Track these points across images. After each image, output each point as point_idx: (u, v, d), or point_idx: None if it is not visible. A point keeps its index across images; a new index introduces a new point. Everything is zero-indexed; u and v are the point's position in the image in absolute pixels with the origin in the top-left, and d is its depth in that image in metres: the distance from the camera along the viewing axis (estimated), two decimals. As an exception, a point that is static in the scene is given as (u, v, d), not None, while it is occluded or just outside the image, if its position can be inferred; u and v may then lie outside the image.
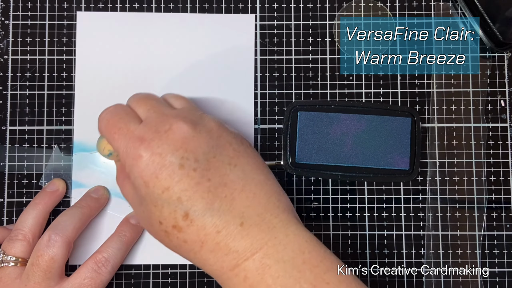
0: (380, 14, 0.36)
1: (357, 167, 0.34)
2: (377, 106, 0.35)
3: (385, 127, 0.34)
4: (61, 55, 0.36)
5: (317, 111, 0.34)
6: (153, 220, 0.26)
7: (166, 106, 0.29)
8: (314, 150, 0.34)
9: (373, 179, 0.34)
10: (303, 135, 0.34)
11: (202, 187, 0.25)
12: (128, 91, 0.36)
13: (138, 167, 0.25)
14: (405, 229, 0.35)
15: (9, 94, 0.36)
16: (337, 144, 0.34)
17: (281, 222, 0.26)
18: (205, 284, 0.34)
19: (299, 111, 0.34)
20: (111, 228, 0.33)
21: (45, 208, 0.33)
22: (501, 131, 0.36)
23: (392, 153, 0.34)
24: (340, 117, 0.34)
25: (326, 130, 0.34)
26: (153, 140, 0.25)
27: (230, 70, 0.36)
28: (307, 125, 0.34)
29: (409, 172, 0.34)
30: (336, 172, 0.34)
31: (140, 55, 0.36)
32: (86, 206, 0.33)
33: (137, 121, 0.27)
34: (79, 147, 0.35)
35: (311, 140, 0.34)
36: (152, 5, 0.36)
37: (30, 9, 0.36)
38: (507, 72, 0.36)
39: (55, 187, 0.34)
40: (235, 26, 0.36)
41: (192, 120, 0.26)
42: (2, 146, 0.35)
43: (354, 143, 0.34)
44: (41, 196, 0.33)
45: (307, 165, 0.34)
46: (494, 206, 0.35)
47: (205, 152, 0.26)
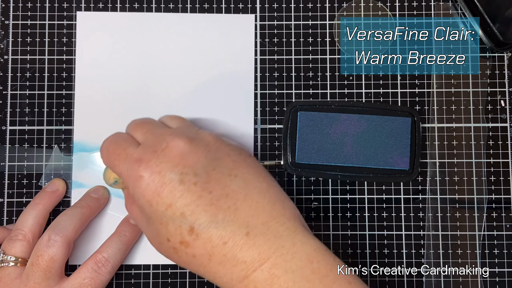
0: (380, 14, 0.36)
1: (357, 167, 0.34)
2: (377, 106, 0.35)
3: (385, 127, 0.34)
4: (61, 55, 0.36)
5: (317, 111, 0.34)
6: (161, 238, 0.26)
7: (162, 127, 0.29)
8: (314, 150, 0.34)
9: (373, 179, 0.34)
10: (303, 135, 0.34)
11: (204, 200, 0.25)
12: (128, 91, 0.36)
13: (139, 187, 0.25)
14: (405, 229, 0.35)
15: (9, 94, 0.36)
16: (337, 144, 0.34)
17: (287, 230, 0.25)
18: (205, 284, 0.34)
19: (299, 111, 0.34)
20: (111, 228, 0.33)
21: (45, 208, 0.33)
22: (501, 131, 0.36)
23: (392, 153, 0.34)
24: (340, 117, 0.34)
25: (326, 130, 0.34)
26: (151, 159, 0.26)
27: (230, 70, 0.36)
28: (307, 125, 0.34)
29: (409, 172, 0.34)
30: (336, 172, 0.34)
31: (140, 55, 0.36)
32: (86, 206, 0.33)
33: (135, 145, 0.27)
34: (79, 147, 0.35)
35: (311, 140, 0.34)
36: (152, 5, 0.36)
37: (30, 9, 0.36)
38: (507, 72, 0.36)
39: (55, 187, 0.34)
40: (235, 26, 0.36)
41: (188, 136, 0.27)
42: (2, 146, 0.35)
43: (354, 143, 0.34)
44: (41, 196, 0.33)
45: (307, 165, 0.34)
46: (494, 206, 0.35)
47: (204, 166, 0.26)
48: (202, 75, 0.36)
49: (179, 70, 0.36)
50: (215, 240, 0.25)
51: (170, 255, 0.27)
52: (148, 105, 0.36)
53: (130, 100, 0.36)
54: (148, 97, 0.36)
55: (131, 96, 0.36)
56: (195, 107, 0.36)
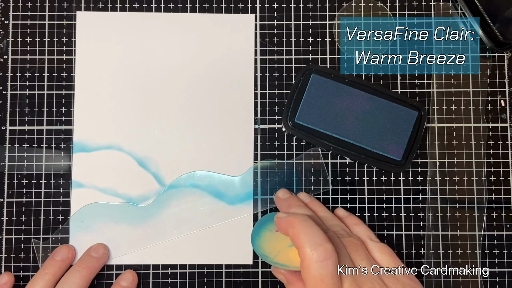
0: (380, 14, 0.36)
1: (352, 144, 0.34)
2: (389, 92, 0.34)
3: (390, 113, 0.34)
4: (61, 55, 0.36)
5: (330, 79, 0.34)
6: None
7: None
8: (315, 115, 0.34)
9: (363, 161, 0.34)
10: (309, 97, 0.34)
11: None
12: (127, 91, 0.36)
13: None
14: (405, 229, 0.35)
15: (9, 94, 0.36)
16: (339, 116, 0.34)
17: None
18: (205, 284, 0.34)
19: (313, 73, 0.34)
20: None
21: (55, 278, 0.32)
22: (501, 131, 0.36)
23: (389, 140, 0.34)
24: (350, 90, 0.34)
25: (333, 100, 0.34)
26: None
27: (231, 70, 0.36)
28: (316, 89, 0.34)
29: (401, 163, 0.34)
30: (330, 143, 0.34)
31: (139, 55, 0.36)
32: (86, 268, 0.33)
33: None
34: (79, 147, 0.35)
35: (315, 105, 0.34)
36: (152, 5, 0.36)
37: (30, 9, 0.36)
38: (507, 72, 0.36)
39: (65, 255, 0.33)
40: (235, 26, 0.36)
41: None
42: (2, 146, 0.35)
43: (356, 119, 0.34)
44: (51, 265, 0.33)
45: (305, 128, 0.34)
46: (494, 206, 0.35)
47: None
48: (202, 75, 0.36)
49: (179, 70, 0.36)
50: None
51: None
52: (148, 104, 0.36)
53: (130, 100, 0.36)
54: (147, 97, 0.36)
55: (131, 96, 0.36)
56: (194, 107, 0.36)
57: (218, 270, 0.35)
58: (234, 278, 0.34)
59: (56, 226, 0.35)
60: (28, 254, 0.34)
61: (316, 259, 0.25)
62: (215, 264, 0.35)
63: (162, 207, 0.35)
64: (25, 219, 0.35)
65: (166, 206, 0.35)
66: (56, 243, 0.34)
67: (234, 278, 0.34)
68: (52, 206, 0.35)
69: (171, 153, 0.35)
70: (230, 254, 0.35)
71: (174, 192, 0.35)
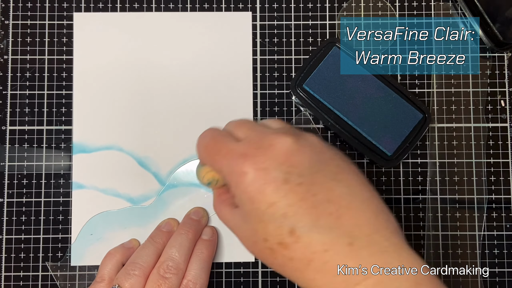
0: (380, 14, 0.36)
1: (350, 126, 0.34)
2: (401, 88, 0.34)
3: (397, 107, 0.34)
4: (61, 55, 0.36)
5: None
6: (258, 237, 0.25)
7: (264, 126, 0.28)
8: (323, 86, 0.34)
9: (356, 145, 0.34)
10: (323, 68, 0.34)
11: (307, 203, 0.23)
12: (127, 91, 0.36)
13: (243, 183, 0.24)
14: (405, 229, 0.35)
15: (9, 94, 0.36)
16: (346, 94, 0.34)
17: (392, 246, 0.24)
18: (205, 284, 0.34)
19: (335, 46, 0.34)
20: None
21: (163, 247, 0.33)
22: (501, 131, 0.36)
23: (386, 132, 0.34)
24: (366, 73, 0.34)
25: (346, 77, 0.34)
26: (256, 155, 0.24)
27: (229, 68, 0.36)
28: (334, 62, 0.34)
29: (390, 158, 0.34)
30: (329, 118, 0.34)
31: (138, 55, 0.36)
32: (191, 231, 0.33)
33: (236, 141, 0.26)
34: (79, 147, 0.35)
35: (327, 76, 0.34)
36: (152, 5, 0.36)
37: (30, 9, 0.36)
38: (507, 72, 0.36)
39: (170, 227, 0.34)
40: (232, 24, 0.36)
41: (293, 135, 0.25)
42: (2, 146, 0.35)
43: (362, 103, 0.34)
44: (158, 235, 0.33)
45: (310, 95, 0.34)
46: (494, 206, 0.35)
47: (309, 167, 0.24)
48: (201, 74, 0.36)
49: (178, 70, 0.36)
50: (316, 245, 0.23)
51: (264, 256, 0.25)
52: (147, 104, 0.36)
53: (130, 100, 0.36)
54: (147, 97, 0.36)
55: (130, 96, 0.36)
56: (194, 106, 0.36)
57: (218, 270, 0.35)
58: (234, 278, 0.34)
59: (56, 226, 0.35)
60: (28, 254, 0.34)
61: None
62: (215, 262, 0.35)
63: (166, 204, 0.35)
64: (25, 219, 0.35)
65: (170, 203, 0.35)
66: (67, 262, 0.34)
67: (234, 278, 0.34)
68: (52, 206, 0.35)
69: (171, 153, 0.35)
70: (230, 252, 0.35)
71: (175, 190, 0.35)
